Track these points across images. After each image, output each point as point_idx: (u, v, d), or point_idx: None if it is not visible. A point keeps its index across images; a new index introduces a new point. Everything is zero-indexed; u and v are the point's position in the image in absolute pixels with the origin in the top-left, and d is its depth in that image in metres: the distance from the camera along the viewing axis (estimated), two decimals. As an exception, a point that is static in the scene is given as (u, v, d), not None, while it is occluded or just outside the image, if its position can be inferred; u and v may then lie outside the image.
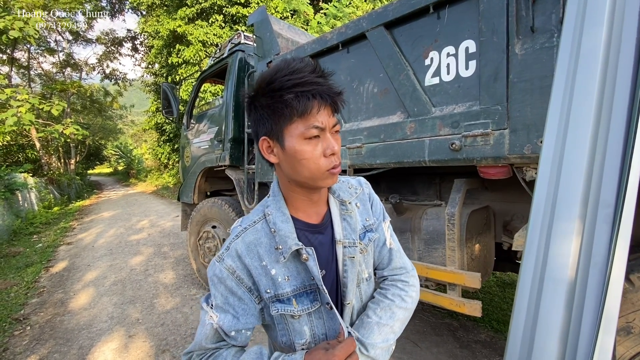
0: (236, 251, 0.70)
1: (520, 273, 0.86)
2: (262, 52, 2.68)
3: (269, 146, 0.70)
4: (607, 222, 0.76)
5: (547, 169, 0.87)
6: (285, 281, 0.70)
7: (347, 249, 0.76)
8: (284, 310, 0.70)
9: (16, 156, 14.31)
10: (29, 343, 2.82)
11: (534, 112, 1.29)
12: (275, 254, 0.70)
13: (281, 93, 0.63)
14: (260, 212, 0.75)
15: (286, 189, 0.74)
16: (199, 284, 3.89)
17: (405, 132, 1.73)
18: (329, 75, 0.68)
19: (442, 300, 1.67)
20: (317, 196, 0.75)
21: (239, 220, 0.77)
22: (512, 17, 1.34)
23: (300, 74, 0.63)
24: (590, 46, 0.83)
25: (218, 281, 0.71)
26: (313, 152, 0.65)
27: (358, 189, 0.85)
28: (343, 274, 0.75)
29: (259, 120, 0.69)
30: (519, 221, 1.96)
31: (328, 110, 0.67)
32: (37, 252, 5.80)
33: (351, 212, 0.79)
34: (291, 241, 0.69)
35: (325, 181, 0.69)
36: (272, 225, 0.71)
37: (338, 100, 0.67)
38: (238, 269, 0.70)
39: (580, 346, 0.74)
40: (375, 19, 1.81)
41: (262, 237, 0.71)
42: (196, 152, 3.87)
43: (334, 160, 0.67)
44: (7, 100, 8.55)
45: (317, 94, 0.63)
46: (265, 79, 0.66)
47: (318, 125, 0.65)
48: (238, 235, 0.72)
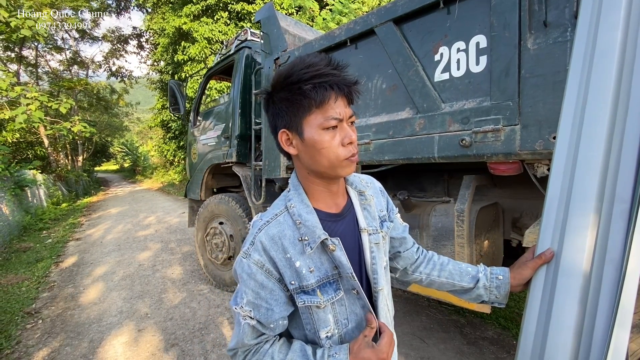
0: (261, 244, 0.70)
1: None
2: (269, 48, 2.68)
3: (288, 138, 0.72)
4: (622, 217, 0.76)
5: (561, 164, 0.86)
6: (309, 273, 0.71)
7: (372, 236, 0.79)
8: (310, 301, 0.71)
9: (25, 153, 14.51)
10: (41, 336, 2.88)
11: (546, 108, 1.27)
12: (300, 245, 0.71)
13: (299, 85, 0.65)
14: (281, 205, 0.76)
15: (305, 181, 0.76)
16: (206, 279, 3.93)
17: (414, 128, 1.72)
18: (344, 67, 0.70)
19: (450, 297, 1.67)
20: (335, 187, 0.77)
21: (259, 215, 0.78)
22: (524, 11, 1.32)
23: (316, 66, 0.66)
24: (607, 41, 0.81)
25: (248, 277, 0.70)
26: (332, 142, 0.68)
27: (370, 183, 0.89)
28: (372, 260, 0.78)
29: (278, 114, 0.71)
30: (528, 218, 1.95)
31: (344, 101, 0.69)
32: (47, 247, 5.89)
33: (370, 201, 0.83)
34: (319, 231, 0.70)
35: (345, 170, 0.71)
36: (297, 217, 0.72)
37: (353, 91, 0.70)
38: (266, 262, 0.70)
39: (594, 342, 0.74)
40: (384, 15, 1.80)
41: (285, 229, 0.72)
42: (203, 149, 3.90)
43: (352, 149, 0.70)
44: (17, 98, 8.66)
45: (333, 85, 0.66)
46: (283, 74, 0.68)
47: (336, 116, 0.67)
48: (261, 229, 0.72)
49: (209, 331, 2.80)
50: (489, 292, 0.87)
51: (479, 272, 0.89)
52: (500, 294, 0.87)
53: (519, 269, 0.85)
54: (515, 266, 0.87)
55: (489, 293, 0.87)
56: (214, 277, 3.73)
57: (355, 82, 0.70)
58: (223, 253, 3.49)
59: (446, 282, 0.91)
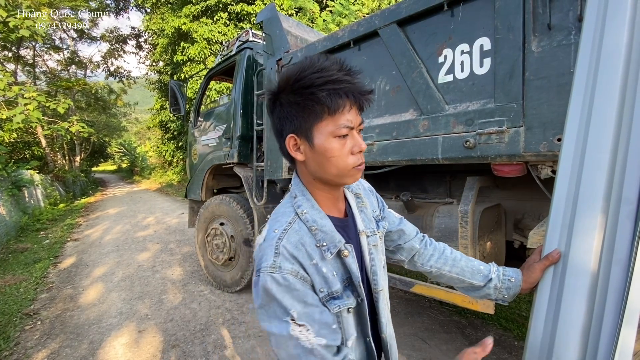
0: (288, 252, 0.65)
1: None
2: (271, 49, 2.68)
3: (296, 143, 0.70)
4: (629, 218, 0.77)
5: (567, 166, 0.87)
6: (334, 277, 0.69)
7: (370, 238, 0.79)
8: (343, 304, 0.68)
9: (22, 153, 14.43)
10: (40, 337, 2.86)
11: (551, 110, 1.28)
12: (319, 251, 0.68)
13: (312, 90, 0.63)
14: (290, 212, 0.72)
15: (310, 187, 0.74)
16: (206, 280, 3.92)
17: (418, 129, 1.73)
18: (357, 73, 0.68)
19: (454, 298, 1.68)
20: (338, 193, 0.77)
21: (266, 228, 0.72)
22: (528, 14, 1.34)
23: (330, 71, 0.63)
24: (613, 44, 0.82)
25: (286, 291, 0.62)
26: (342, 150, 0.66)
27: (360, 185, 0.89)
28: (371, 262, 0.78)
29: (286, 117, 0.68)
30: (530, 219, 1.96)
31: (356, 109, 0.68)
32: (45, 248, 5.86)
33: (365, 204, 0.84)
34: (337, 236, 0.69)
35: (352, 178, 0.70)
36: (312, 223, 0.69)
37: (366, 100, 0.68)
38: (299, 269, 0.65)
39: (602, 341, 0.75)
40: (388, 17, 1.81)
41: (303, 236, 0.68)
42: (204, 149, 3.89)
43: (360, 158, 0.69)
44: (15, 98, 8.62)
45: (348, 92, 0.64)
46: (292, 76, 0.65)
47: (348, 124, 0.65)
48: (281, 238, 0.67)
49: (210, 332, 2.79)
50: (497, 292, 0.88)
51: (492, 272, 0.89)
52: (508, 295, 0.87)
53: (528, 271, 0.85)
54: (523, 268, 0.87)
55: (498, 293, 0.88)
56: (214, 278, 3.72)
57: (370, 92, 0.68)
58: (224, 254, 3.49)
59: (456, 277, 0.91)
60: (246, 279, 3.34)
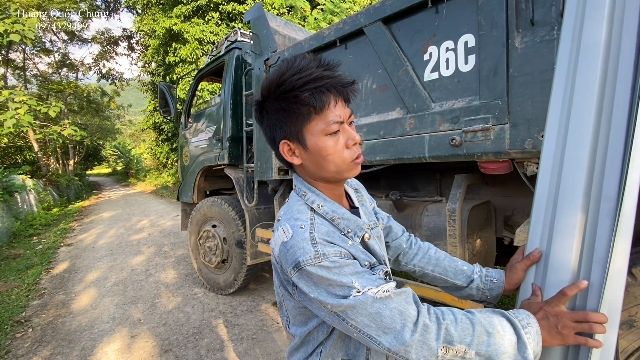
0: (325, 240, 0.63)
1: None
2: (259, 49, 2.66)
3: (290, 149, 0.70)
4: (609, 216, 0.76)
5: (548, 163, 0.86)
6: (365, 254, 0.71)
7: (374, 230, 0.80)
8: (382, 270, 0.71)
9: (14, 158, 14.26)
10: (31, 345, 2.83)
11: (535, 106, 1.28)
12: (345, 239, 0.67)
13: (295, 93, 0.63)
14: (305, 210, 0.69)
15: (314, 186, 0.75)
16: (200, 283, 3.90)
17: (404, 128, 1.71)
18: (335, 66, 0.67)
19: (443, 297, 1.67)
20: (340, 189, 0.78)
21: (286, 227, 0.67)
22: (511, 10, 1.33)
23: (309, 70, 0.63)
24: (591, 39, 0.82)
25: (338, 270, 0.60)
26: (336, 146, 0.67)
27: (352, 181, 0.92)
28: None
29: (275, 125, 0.69)
30: (520, 216, 1.96)
31: (342, 102, 0.68)
32: (38, 253, 5.79)
33: (365, 197, 0.87)
34: (360, 221, 0.71)
35: (351, 172, 0.71)
36: (332, 214, 0.69)
37: (350, 91, 0.68)
38: (342, 249, 0.63)
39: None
40: (372, 14, 1.79)
41: (328, 227, 0.66)
42: (195, 151, 3.86)
43: (356, 150, 0.69)
44: (5, 102, 8.50)
45: (330, 87, 0.64)
46: (274, 82, 0.65)
47: (337, 119, 0.66)
48: (312, 231, 0.64)
49: (203, 336, 2.77)
50: (480, 293, 0.87)
51: (474, 273, 0.89)
52: (491, 296, 0.87)
53: (510, 272, 0.84)
54: (507, 269, 0.87)
55: (481, 294, 0.87)
56: (207, 281, 3.70)
57: (352, 83, 0.68)
58: (216, 256, 3.46)
59: (439, 277, 0.91)
60: (239, 281, 3.32)
